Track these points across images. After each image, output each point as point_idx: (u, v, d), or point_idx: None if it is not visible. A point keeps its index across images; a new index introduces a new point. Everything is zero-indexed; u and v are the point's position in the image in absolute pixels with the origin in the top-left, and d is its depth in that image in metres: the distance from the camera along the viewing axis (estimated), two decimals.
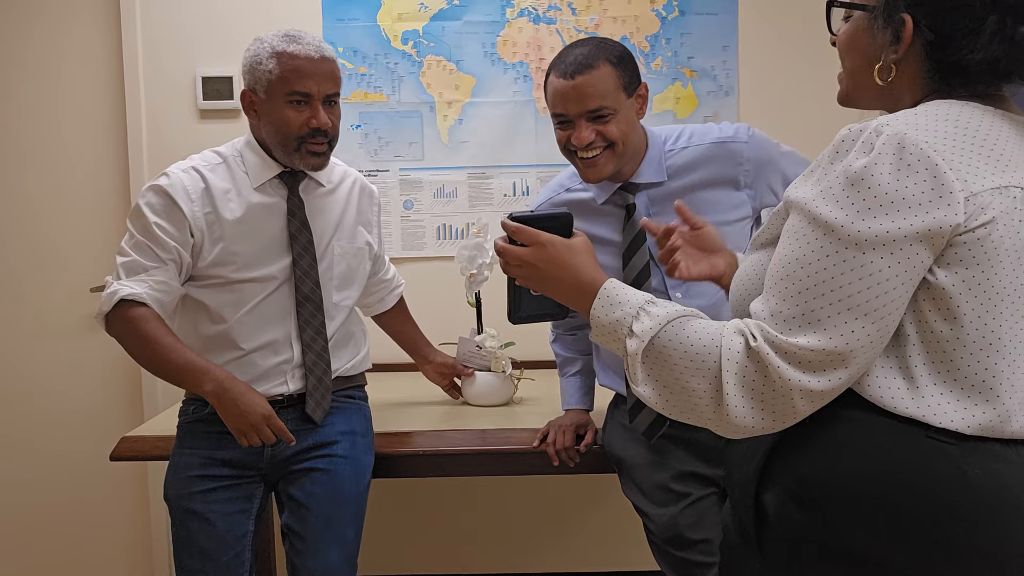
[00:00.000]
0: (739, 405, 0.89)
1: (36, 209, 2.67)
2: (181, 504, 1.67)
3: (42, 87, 2.65)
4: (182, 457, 1.70)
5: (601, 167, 1.62)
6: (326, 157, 1.71)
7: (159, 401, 2.65)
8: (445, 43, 2.62)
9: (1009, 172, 0.88)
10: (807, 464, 0.93)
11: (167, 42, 2.61)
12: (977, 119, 0.90)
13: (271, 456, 1.70)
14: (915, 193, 0.84)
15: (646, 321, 0.95)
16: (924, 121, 0.88)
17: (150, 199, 1.65)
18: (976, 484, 0.86)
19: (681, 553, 1.57)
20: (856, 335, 0.86)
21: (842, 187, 0.86)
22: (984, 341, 0.87)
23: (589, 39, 1.64)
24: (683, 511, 1.57)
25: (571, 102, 1.58)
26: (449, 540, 2.75)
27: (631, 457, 1.69)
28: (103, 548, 2.76)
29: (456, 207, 2.67)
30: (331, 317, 1.77)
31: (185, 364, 1.58)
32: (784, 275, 0.89)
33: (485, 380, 2.11)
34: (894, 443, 0.89)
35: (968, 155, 0.86)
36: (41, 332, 2.70)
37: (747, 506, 0.98)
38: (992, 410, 0.88)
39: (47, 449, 2.71)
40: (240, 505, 1.68)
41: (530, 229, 1.06)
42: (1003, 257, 0.86)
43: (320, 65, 1.65)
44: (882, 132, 0.87)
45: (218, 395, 1.55)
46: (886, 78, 0.96)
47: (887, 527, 0.87)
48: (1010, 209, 0.87)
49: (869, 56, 0.97)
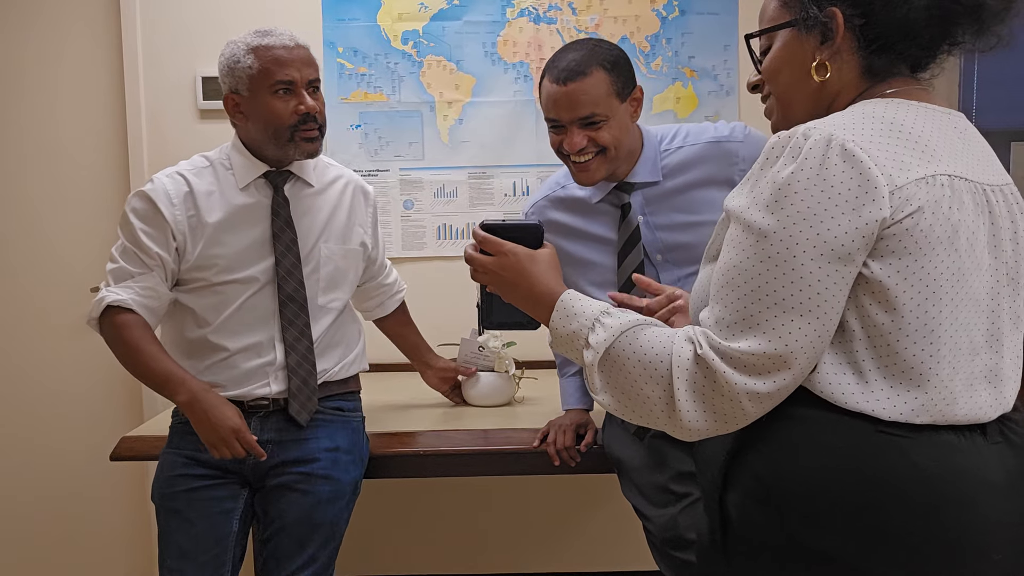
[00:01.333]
0: (690, 410, 0.92)
1: (36, 209, 2.67)
2: (164, 504, 1.67)
3: (42, 87, 2.65)
4: (168, 456, 1.71)
5: (593, 171, 1.63)
6: (319, 143, 1.71)
7: (159, 401, 2.63)
8: (445, 43, 2.62)
9: (935, 162, 0.91)
10: (764, 464, 0.94)
11: (167, 42, 2.61)
12: (903, 114, 0.94)
13: (252, 464, 1.69)
14: (842, 193, 0.87)
15: (601, 332, 0.98)
16: (851, 121, 0.92)
17: (135, 205, 1.67)
18: (930, 475, 0.88)
19: (680, 554, 1.56)
20: (794, 336, 0.88)
21: (771, 194, 0.90)
22: (926, 328, 0.90)
23: (585, 41, 1.64)
24: (682, 512, 1.57)
25: (563, 109, 1.59)
26: (449, 540, 2.75)
27: (630, 458, 1.69)
28: (103, 548, 2.75)
29: (456, 207, 2.66)
30: (317, 319, 1.75)
31: (163, 373, 1.60)
32: (724, 283, 0.92)
33: (487, 380, 2.11)
34: (847, 439, 0.90)
35: (894, 149, 0.90)
36: (41, 332, 2.70)
37: (713, 509, 1.00)
38: (938, 394, 0.90)
39: (47, 449, 2.71)
40: (223, 505, 1.67)
41: (495, 239, 1.10)
42: (935, 244, 0.89)
43: (297, 52, 1.67)
44: (810, 136, 0.90)
45: (190, 406, 1.57)
46: (823, 75, 1.00)
47: (845, 523, 0.89)
48: (938, 197, 0.89)
49: (804, 64, 1.01)
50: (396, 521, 2.73)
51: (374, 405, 1.91)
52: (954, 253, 0.90)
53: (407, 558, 2.75)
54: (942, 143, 0.93)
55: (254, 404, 1.70)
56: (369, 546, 2.73)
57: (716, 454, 1.00)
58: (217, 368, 1.69)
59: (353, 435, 1.79)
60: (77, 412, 2.71)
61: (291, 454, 1.70)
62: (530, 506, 2.74)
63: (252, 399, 1.69)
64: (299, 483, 1.69)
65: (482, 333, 2.12)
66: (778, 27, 1.03)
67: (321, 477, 1.69)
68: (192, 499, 1.66)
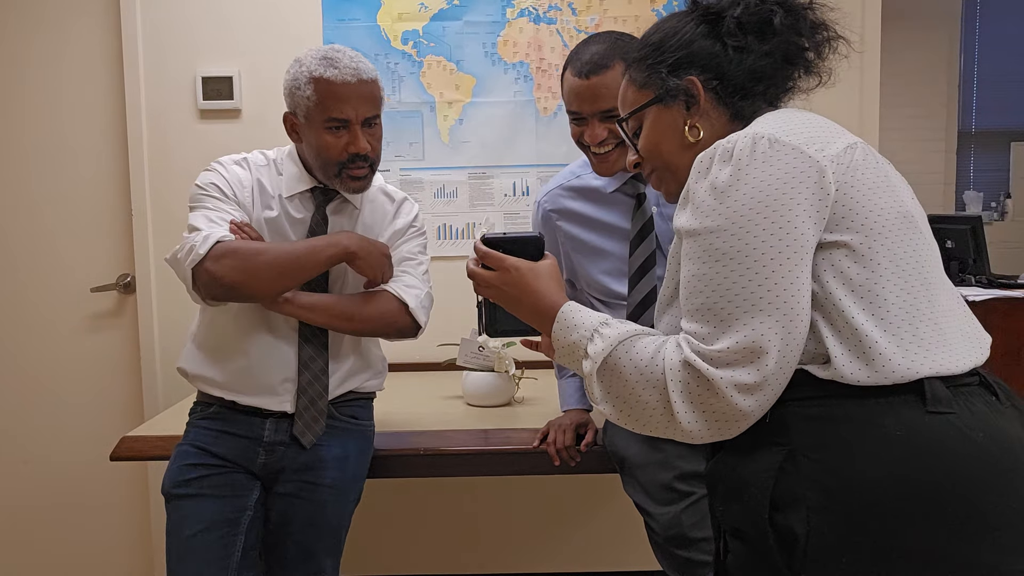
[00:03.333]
0: (685, 412, 0.94)
1: (36, 209, 2.68)
2: (174, 491, 1.65)
3: (42, 87, 2.65)
4: (181, 448, 1.70)
5: (613, 162, 1.64)
6: (367, 180, 1.69)
7: (159, 401, 2.65)
8: (445, 43, 2.62)
9: (841, 136, 0.98)
10: (824, 472, 0.91)
11: (167, 42, 2.61)
12: (796, 113, 1.02)
13: (263, 465, 1.68)
14: (787, 171, 0.92)
15: (599, 343, 1.01)
16: (764, 122, 0.98)
17: (208, 179, 1.67)
18: (987, 449, 0.89)
19: (683, 552, 1.56)
20: (766, 325, 0.90)
21: (713, 199, 0.94)
22: (899, 269, 0.94)
23: (607, 34, 1.64)
24: (686, 510, 1.57)
25: (585, 102, 1.60)
26: (449, 540, 2.75)
27: (633, 456, 1.69)
28: (103, 548, 2.76)
29: (457, 207, 2.67)
30: (337, 339, 1.73)
31: (305, 245, 1.63)
32: (688, 294, 0.96)
33: (487, 380, 2.11)
34: (899, 427, 0.90)
35: (807, 134, 0.96)
36: (41, 332, 2.70)
37: (763, 532, 0.94)
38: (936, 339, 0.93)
39: (47, 448, 2.71)
40: (230, 491, 1.64)
41: (496, 254, 1.12)
42: (878, 194, 0.95)
43: (357, 89, 1.62)
44: (732, 141, 0.96)
45: (357, 246, 1.64)
46: (697, 135, 1.07)
47: (920, 514, 0.87)
48: (862, 158, 0.97)
49: (677, 131, 1.09)
50: (396, 521, 2.73)
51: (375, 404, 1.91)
52: (896, 198, 0.96)
53: (407, 558, 2.75)
54: (830, 125, 1.01)
55: (268, 414, 1.69)
56: (369, 546, 2.73)
57: (757, 474, 0.96)
58: (239, 374, 1.67)
59: (364, 443, 1.78)
60: (77, 412, 2.71)
61: (302, 459, 1.69)
62: (530, 506, 2.74)
63: (267, 411, 1.68)
64: (307, 493, 1.67)
65: (482, 334, 2.12)
66: (643, 107, 1.11)
67: (328, 487, 1.68)
68: (203, 485, 1.64)
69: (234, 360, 1.68)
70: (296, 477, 1.68)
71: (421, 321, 1.73)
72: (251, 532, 1.64)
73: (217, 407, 1.70)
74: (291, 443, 1.69)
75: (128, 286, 2.68)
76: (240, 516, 1.63)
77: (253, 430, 1.68)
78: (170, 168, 2.62)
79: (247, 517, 1.64)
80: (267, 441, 1.67)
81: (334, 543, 1.70)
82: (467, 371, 2.15)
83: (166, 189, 2.62)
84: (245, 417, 1.68)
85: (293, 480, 1.68)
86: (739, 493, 0.98)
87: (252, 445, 1.67)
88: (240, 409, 1.68)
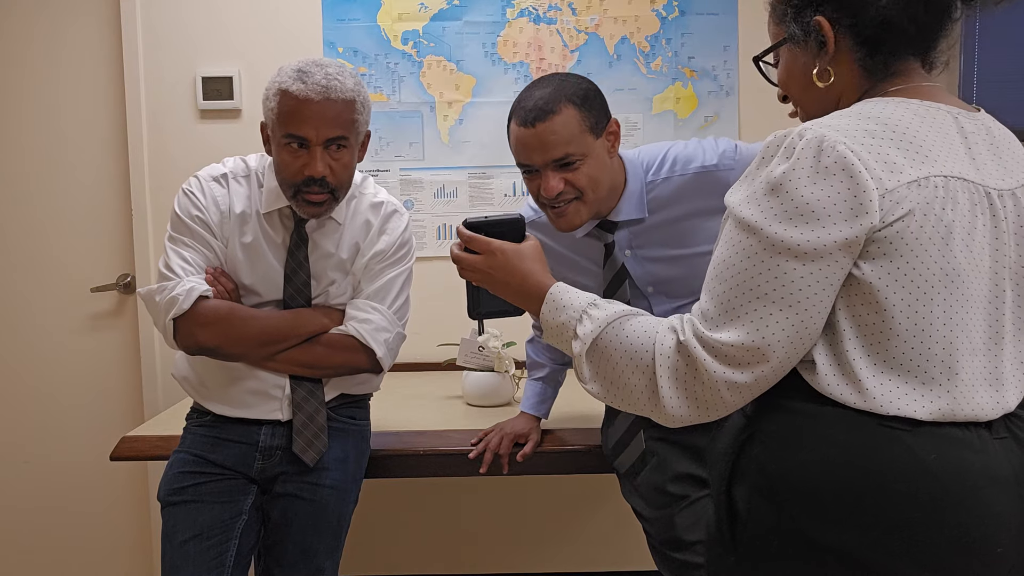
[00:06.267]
0: (672, 397, 0.95)
1: (36, 209, 2.68)
2: (169, 498, 1.64)
3: (42, 87, 2.65)
4: (177, 455, 1.70)
5: (571, 216, 1.52)
6: (326, 207, 1.60)
7: (159, 401, 2.65)
8: (445, 43, 2.62)
9: (929, 163, 0.91)
10: (769, 458, 0.95)
11: (167, 42, 2.61)
12: (900, 113, 0.94)
13: (260, 470, 1.67)
14: (832, 198, 0.88)
15: (588, 324, 1.02)
16: (847, 122, 0.92)
17: (185, 206, 1.64)
18: (933, 469, 0.88)
19: (678, 555, 1.56)
20: (772, 331, 0.90)
21: (764, 193, 0.92)
22: (916, 328, 0.90)
23: (551, 77, 1.51)
24: (680, 513, 1.57)
25: (535, 151, 1.47)
26: (449, 540, 2.75)
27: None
28: (103, 548, 2.76)
29: (457, 207, 2.67)
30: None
31: (297, 320, 1.65)
32: (714, 275, 0.95)
33: (487, 380, 2.11)
34: (849, 433, 0.91)
35: (887, 150, 0.90)
36: (41, 332, 2.70)
37: (720, 502, 1.01)
38: (938, 398, 0.90)
39: (47, 449, 2.71)
40: (227, 497, 1.64)
41: (482, 238, 1.13)
42: (926, 245, 0.89)
43: (321, 108, 1.50)
44: (804, 135, 0.91)
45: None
46: (826, 80, 1.01)
47: (848, 517, 0.89)
48: (930, 199, 0.90)
49: (807, 73, 1.03)
50: (396, 521, 2.73)
51: (374, 405, 1.91)
52: (948, 254, 0.90)
53: (407, 558, 2.75)
54: (938, 143, 0.93)
55: (265, 421, 1.68)
56: (369, 546, 2.73)
57: (726, 448, 1.01)
58: (235, 386, 1.66)
59: (362, 443, 1.78)
60: (77, 412, 2.71)
61: (300, 462, 1.67)
62: (530, 506, 2.74)
63: (264, 419, 1.67)
64: (307, 494, 1.67)
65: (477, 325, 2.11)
66: (776, 46, 1.07)
67: (329, 488, 1.68)
68: (199, 492, 1.64)
69: (224, 371, 1.67)
70: (297, 478, 1.68)
71: (385, 366, 1.71)
72: (245, 536, 1.64)
73: (212, 416, 1.70)
74: (289, 446, 1.68)
75: (128, 286, 2.68)
76: (235, 521, 1.63)
77: (249, 436, 1.67)
78: (170, 168, 2.62)
79: (241, 522, 1.64)
80: (263, 446, 1.67)
81: (334, 543, 1.70)
82: (467, 371, 2.15)
83: (166, 189, 2.62)
84: (240, 424, 1.68)
85: (293, 481, 1.68)
86: (713, 463, 1.05)
87: (249, 451, 1.67)
88: (233, 418, 1.68)
